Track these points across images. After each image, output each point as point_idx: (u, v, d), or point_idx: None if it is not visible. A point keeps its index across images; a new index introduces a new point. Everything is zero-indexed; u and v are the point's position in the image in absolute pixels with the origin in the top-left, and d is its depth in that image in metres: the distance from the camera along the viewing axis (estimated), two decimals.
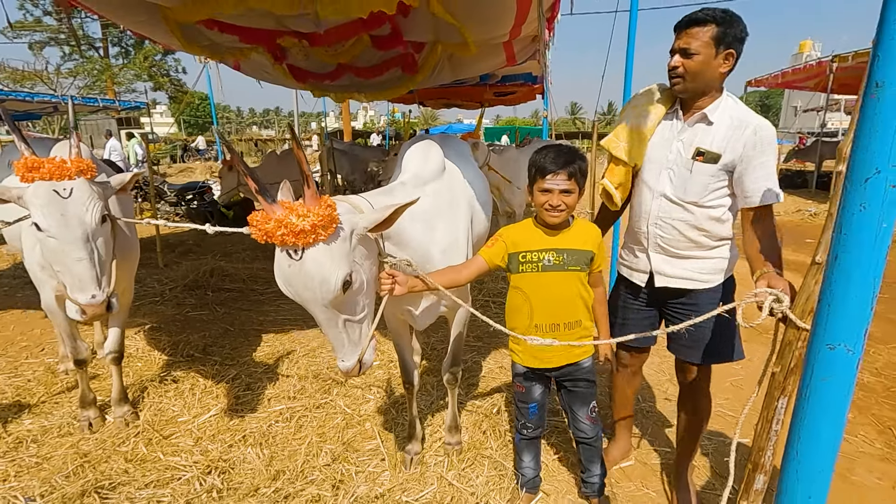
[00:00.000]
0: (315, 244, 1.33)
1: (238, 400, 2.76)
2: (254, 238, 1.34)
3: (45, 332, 3.83)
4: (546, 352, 1.84)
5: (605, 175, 1.89)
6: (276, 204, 1.32)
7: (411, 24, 3.95)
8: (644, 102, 1.82)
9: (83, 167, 1.91)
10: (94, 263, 1.85)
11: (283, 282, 1.40)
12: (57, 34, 26.01)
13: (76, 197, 1.84)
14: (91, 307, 1.85)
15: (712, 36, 1.55)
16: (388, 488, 2.05)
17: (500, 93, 10.02)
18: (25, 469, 2.22)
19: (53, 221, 1.79)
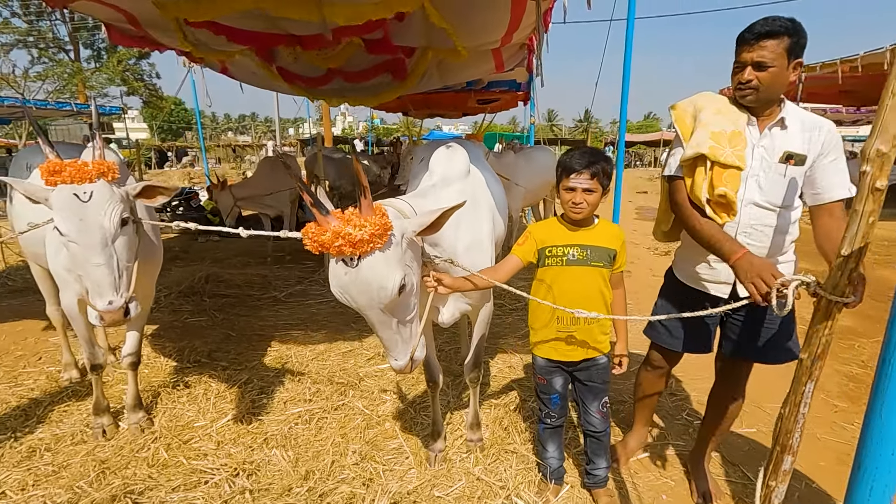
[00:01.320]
0: (371, 252, 1.37)
1: (254, 404, 2.75)
2: (308, 249, 1.37)
3: (40, 342, 3.73)
4: (565, 345, 1.92)
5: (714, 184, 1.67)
6: (330, 216, 1.36)
7: (404, 28, 4.02)
8: (722, 108, 1.74)
9: (104, 169, 1.89)
10: (112, 268, 1.83)
11: (339, 289, 1.44)
12: (26, 37, 25.17)
13: (96, 200, 1.82)
14: (109, 313, 1.82)
15: (785, 47, 1.56)
16: (417, 485, 2.09)
17: (484, 100, 10.17)
18: (43, 478, 2.18)
19: (73, 226, 1.78)
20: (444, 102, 10.38)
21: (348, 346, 3.57)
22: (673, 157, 1.84)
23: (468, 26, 3.89)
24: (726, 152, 1.65)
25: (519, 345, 3.61)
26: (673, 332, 2.05)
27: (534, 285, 1.95)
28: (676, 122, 1.83)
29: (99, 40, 27.50)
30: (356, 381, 3.01)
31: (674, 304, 2.03)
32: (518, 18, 3.71)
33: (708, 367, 2.27)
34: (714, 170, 1.67)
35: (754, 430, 2.55)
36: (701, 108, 1.76)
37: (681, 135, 1.80)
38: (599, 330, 1.90)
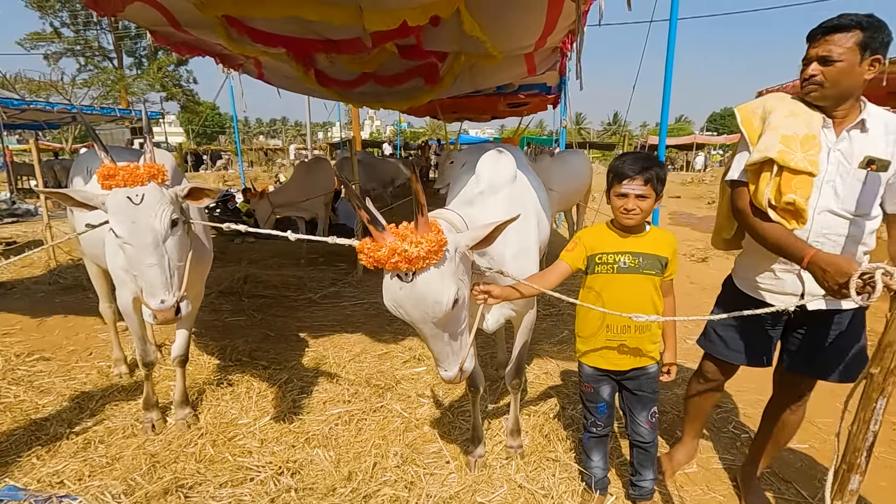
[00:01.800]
0: (427, 268, 1.38)
1: (295, 403, 2.80)
2: (363, 264, 1.39)
3: (90, 337, 3.89)
4: (614, 354, 1.89)
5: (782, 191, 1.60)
6: (386, 232, 1.37)
7: (437, 34, 4.05)
8: (796, 110, 1.65)
9: (154, 172, 1.93)
10: (164, 268, 1.88)
11: (394, 303, 1.45)
12: (73, 45, 26.43)
13: (147, 203, 1.86)
14: (161, 312, 1.87)
15: (857, 42, 1.50)
16: (458, 490, 2.08)
17: (514, 104, 10.14)
18: (98, 469, 2.27)
19: (126, 228, 1.83)
20: (473, 106, 10.38)
21: (384, 348, 3.60)
22: (737, 161, 1.77)
23: (503, 31, 3.89)
24: (797, 157, 1.57)
25: (554, 351, 3.57)
26: (730, 343, 1.97)
27: (581, 293, 1.92)
28: (743, 125, 1.75)
29: (140, 48, 28.66)
30: (393, 383, 3.03)
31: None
32: (553, 22, 3.68)
33: (754, 378, 2.21)
34: (783, 175, 1.59)
35: (806, 446, 2.45)
36: (771, 109, 1.68)
37: (747, 138, 1.72)
38: (650, 339, 1.86)
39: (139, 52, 29.07)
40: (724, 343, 1.99)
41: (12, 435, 2.53)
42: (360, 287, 5.16)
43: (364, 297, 4.79)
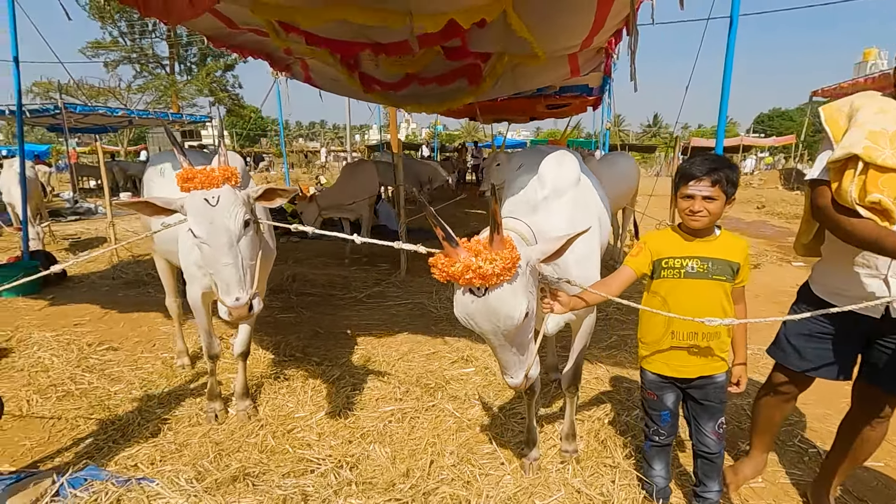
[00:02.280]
0: (500, 284, 1.39)
1: (348, 399, 2.86)
2: (435, 277, 1.42)
3: (153, 329, 4.10)
4: (680, 361, 1.84)
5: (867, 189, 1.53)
6: (460, 248, 1.39)
7: (483, 35, 4.06)
8: (886, 107, 1.60)
9: (228, 174, 2.01)
10: (238, 267, 1.94)
11: (465, 316, 1.47)
12: (130, 53, 27.93)
13: (222, 204, 1.93)
14: (236, 309, 1.94)
15: None
16: (515, 492, 2.08)
17: (553, 105, 10.04)
18: (168, 454, 2.39)
19: (204, 229, 1.91)
20: (512, 107, 10.34)
21: (432, 348, 3.63)
22: (819, 160, 1.69)
23: (550, 31, 3.86)
24: (885, 154, 1.49)
25: (603, 356, 3.51)
26: (804, 353, 1.87)
27: (645, 297, 1.89)
28: (827, 123, 1.68)
29: (190, 55, 30.02)
30: (443, 383, 3.05)
31: (809, 324, 1.85)
32: (602, 21, 3.63)
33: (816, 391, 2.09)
34: (868, 173, 1.51)
35: (882, 465, 2.32)
36: (858, 107, 1.62)
37: (831, 136, 1.65)
38: (718, 347, 1.81)
39: (189, 59, 30.43)
40: (798, 353, 1.89)
41: (89, 419, 2.70)
42: (403, 287, 5.23)
43: (408, 298, 4.85)
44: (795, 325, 1.90)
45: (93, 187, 17.62)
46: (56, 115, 13.07)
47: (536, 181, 2.09)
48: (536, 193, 2.03)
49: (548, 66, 4.65)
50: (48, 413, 2.75)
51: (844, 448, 1.92)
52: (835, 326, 1.80)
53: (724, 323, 1.58)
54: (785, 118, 47.13)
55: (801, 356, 1.89)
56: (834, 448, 1.99)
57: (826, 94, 14.32)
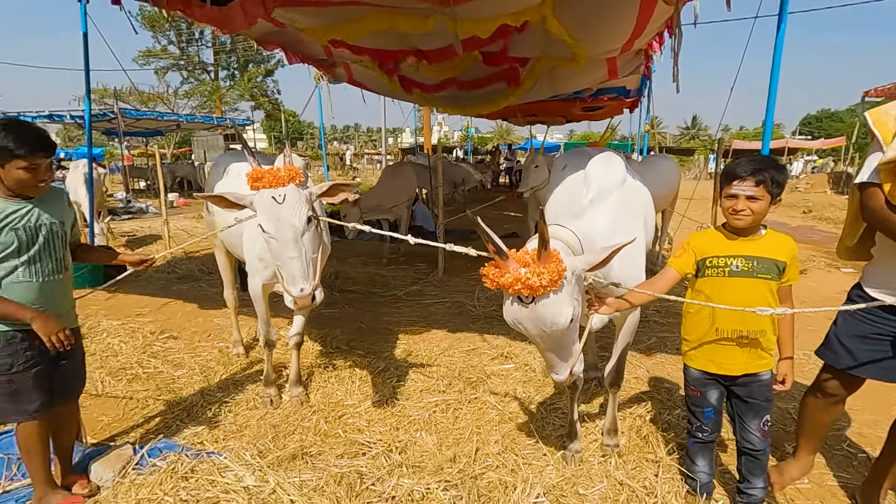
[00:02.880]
0: (546, 295, 1.50)
1: (394, 390, 2.99)
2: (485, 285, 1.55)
3: (207, 321, 4.35)
4: (724, 358, 1.87)
5: None
6: (510, 260, 1.51)
7: (523, 39, 4.14)
8: None
9: (293, 174, 2.17)
10: (303, 260, 2.09)
11: (513, 320, 1.59)
12: (178, 61, 29.30)
13: (288, 202, 2.07)
14: (301, 299, 2.10)
15: None
16: (558, 481, 2.15)
17: (589, 108, 9.99)
18: (230, 434, 2.58)
19: (272, 225, 2.07)
20: (548, 109, 10.35)
21: (471, 344, 3.73)
22: (868, 163, 1.72)
23: (591, 36, 3.91)
24: None
25: (642, 356, 3.53)
26: (857, 354, 1.86)
27: (689, 295, 1.94)
28: (876, 126, 1.70)
29: (233, 62, 31.19)
30: (484, 377, 3.15)
31: (862, 325, 1.86)
32: (643, 25, 3.66)
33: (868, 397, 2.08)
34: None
35: None
36: None
37: (881, 138, 1.67)
38: (764, 345, 1.84)
39: (232, 66, 31.63)
40: (851, 354, 1.88)
41: (157, 399, 2.93)
42: (441, 286, 5.35)
43: (446, 297, 4.96)
44: (848, 327, 1.90)
45: (142, 188, 18.54)
46: (112, 120, 13.85)
47: (582, 183, 2.16)
48: (582, 197, 2.10)
49: (586, 68, 4.69)
50: (120, 393, 2.99)
51: (894, 451, 1.91)
52: (891, 327, 1.79)
53: (775, 313, 1.62)
54: (834, 119, 45.00)
55: (854, 357, 1.87)
56: (885, 451, 1.97)
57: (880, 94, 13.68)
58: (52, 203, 1.90)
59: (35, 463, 1.94)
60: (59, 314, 1.87)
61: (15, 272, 1.77)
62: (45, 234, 1.83)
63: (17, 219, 1.76)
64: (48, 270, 1.84)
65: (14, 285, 1.77)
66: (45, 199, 1.88)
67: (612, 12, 3.47)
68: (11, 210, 1.76)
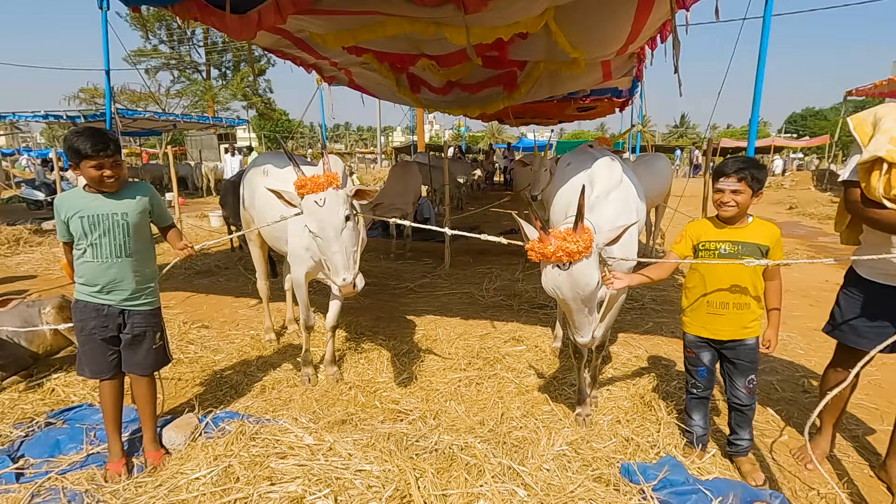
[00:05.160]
0: (580, 260, 1.90)
1: (420, 368, 3.31)
2: (529, 258, 1.95)
3: (233, 311, 4.62)
4: (715, 325, 2.22)
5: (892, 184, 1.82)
6: (550, 235, 1.91)
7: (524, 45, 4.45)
8: None
9: (331, 179, 2.37)
10: (343, 254, 2.33)
11: (553, 286, 1.97)
12: (169, 60, 29.23)
13: (328, 205, 2.32)
14: (344, 287, 2.36)
15: None
16: (574, 439, 2.47)
17: (583, 108, 10.37)
18: (278, 406, 2.87)
19: (317, 225, 2.33)
20: (542, 110, 10.72)
21: (484, 330, 4.05)
22: (850, 163, 2.02)
23: (590, 41, 4.24)
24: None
25: (641, 339, 3.88)
26: (860, 330, 2.11)
27: (688, 274, 2.29)
28: (856, 131, 2.00)
29: (226, 62, 31.17)
30: (500, 357, 3.47)
31: (860, 302, 2.12)
32: (638, 31, 4.01)
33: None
34: (892, 172, 1.81)
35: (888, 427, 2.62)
36: (882, 116, 1.93)
37: (860, 142, 1.97)
38: (749, 315, 2.18)
39: (224, 65, 31.60)
40: (855, 331, 2.15)
41: (204, 379, 3.21)
42: (449, 279, 5.66)
43: (456, 288, 5.28)
44: (849, 307, 2.18)
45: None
46: None
47: (588, 182, 2.50)
48: (589, 194, 2.44)
49: (583, 72, 5.01)
50: (169, 376, 3.27)
51: None
52: (884, 304, 2.06)
53: (759, 263, 1.99)
54: (819, 118, 46.02)
55: (858, 334, 2.15)
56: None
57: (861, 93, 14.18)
58: (124, 196, 2.21)
59: (105, 422, 2.30)
60: (121, 291, 2.20)
61: (84, 253, 2.16)
62: (107, 223, 2.15)
63: (84, 209, 2.12)
64: (107, 253, 2.16)
65: (83, 264, 2.18)
66: (122, 193, 2.20)
67: (610, 19, 3.79)
68: (85, 202, 2.13)
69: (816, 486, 2.18)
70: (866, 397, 2.98)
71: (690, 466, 2.24)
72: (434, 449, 2.23)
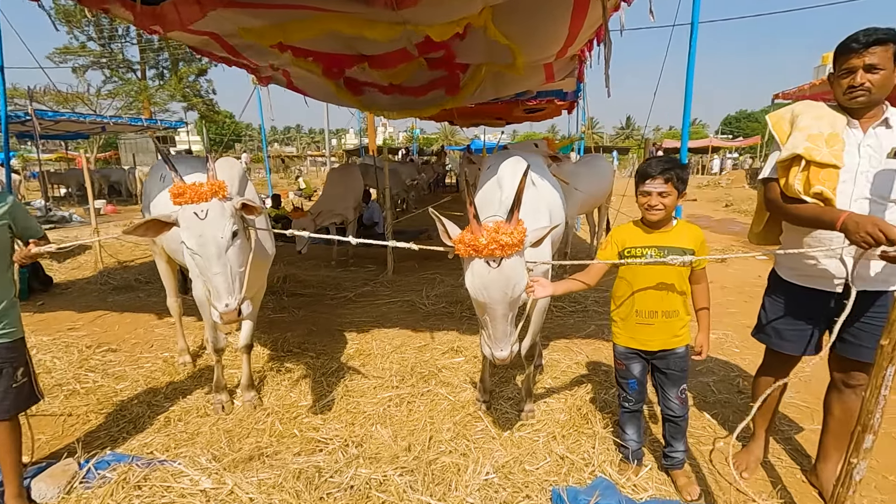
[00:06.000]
0: (511, 255, 1.72)
1: (347, 388, 3.06)
2: (457, 253, 1.75)
3: (148, 331, 4.20)
4: (644, 336, 2.11)
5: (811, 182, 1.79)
6: (482, 227, 1.73)
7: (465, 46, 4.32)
8: (822, 113, 1.88)
9: (216, 188, 2.06)
10: (227, 275, 2.02)
11: (482, 286, 1.77)
12: (99, 58, 27.35)
13: (211, 218, 1.99)
14: (226, 314, 2.01)
15: (892, 53, 1.72)
16: (508, 460, 2.31)
17: (530, 109, 10.42)
18: (181, 442, 2.54)
19: (195, 242, 1.99)
20: (491, 112, 10.70)
21: (422, 341, 3.84)
22: (769, 160, 1.97)
23: (528, 42, 4.15)
24: (822, 152, 1.77)
25: (582, 343, 3.79)
26: (783, 333, 2.09)
27: (616, 283, 2.16)
28: (774, 129, 1.96)
29: (163, 60, 29.54)
30: (436, 371, 3.27)
31: (782, 304, 2.09)
32: (576, 33, 3.95)
33: None
34: (810, 169, 1.79)
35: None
36: (798, 114, 1.91)
37: (778, 140, 1.93)
38: (677, 323, 2.08)
39: (161, 64, 29.94)
40: (777, 333, 2.12)
41: (100, 414, 2.83)
42: (391, 286, 5.42)
43: (397, 296, 5.05)
44: (772, 310, 2.15)
45: (63, 195, 17.23)
46: (26, 122, 12.78)
47: (496, 185, 2.35)
48: (496, 195, 2.29)
49: (525, 73, 4.93)
50: (58, 411, 2.87)
51: (834, 422, 2.10)
52: (805, 306, 2.03)
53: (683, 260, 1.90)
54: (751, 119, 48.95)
55: (780, 336, 2.11)
56: (825, 424, 2.16)
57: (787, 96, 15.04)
58: None
59: None
60: None
61: None
62: None
63: None
64: None
65: None
66: None
67: (548, 21, 3.70)
68: None
69: (753, 496, 2.11)
70: (797, 395, 2.99)
71: (625, 485, 2.11)
72: (349, 486, 2.00)
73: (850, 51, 1.78)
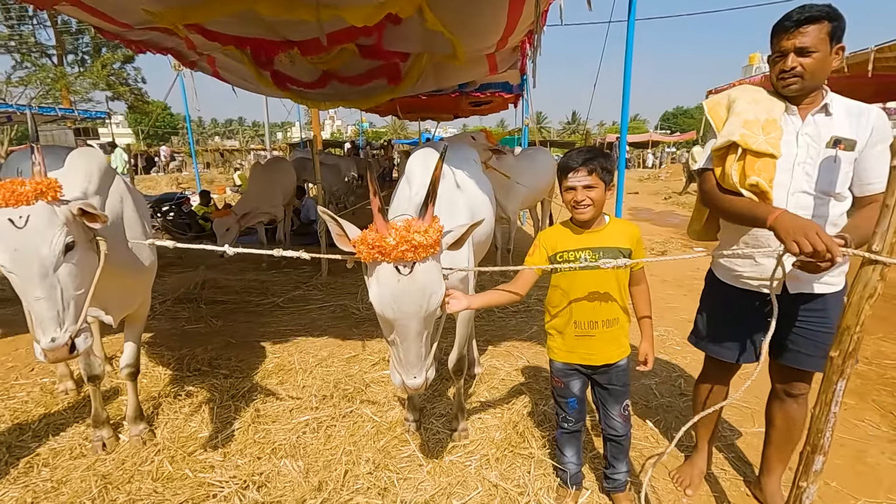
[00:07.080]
0: (426, 259, 1.38)
1: (259, 413, 2.68)
2: (359, 258, 1.38)
3: (31, 352, 3.59)
4: (584, 349, 1.88)
5: (746, 173, 1.62)
6: (389, 225, 1.38)
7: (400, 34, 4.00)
8: (758, 98, 1.70)
9: (43, 188, 1.58)
10: (55, 301, 1.58)
11: (391, 297, 1.40)
12: (7, 41, 24.71)
13: (32, 226, 1.54)
14: (52, 351, 1.58)
15: (827, 32, 1.53)
16: (433, 493, 2.03)
17: (476, 103, 10.24)
18: (42, 494, 2.09)
19: (8, 256, 1.53)
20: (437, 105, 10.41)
21: (352, 351, 3.51)
22: (706, 149, 1.79)
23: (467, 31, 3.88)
24: (759, 140, 1.60)
25: (524, 347, 3.58)
26: (719, 339, 1.94)
27: (549, 292, 1.92)
28: (710, 114, 1.77)
29: (83, 45, 27.12)
30: (363, 387, 2.95)
31: (718, 307, 1.95)
32: (514, 23, 3.72)
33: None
34: (746, 158, 1.61)
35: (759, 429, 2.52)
36: (735, 98, 1.73)
37: (714, 126, 1.75)
38: (619, 333, 1.87)
39: (81, 49, 27.47)
40: (714, 339, 1.96)
41: None
42: (325, 290, 5.03)
43: (330, 300, 4.67)
44: (709, 314, 1.99)
45: None
46: None
47: (405, 181, 2.06)
48: (406, 192, 2.00)
49: (468, 64, 4.69)
50: None
51: (777, 434, 1.97)
52: (742, 309, 1.86)
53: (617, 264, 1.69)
54: (687, 115, 51.40)
55: (718, 342, 1.95)
56: (767, 435, 2.03)
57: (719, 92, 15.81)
58: None
59: None
60: None
61: None
62: None
63: None
64: None
65: None
66: None
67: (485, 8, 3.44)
68: None
69: None
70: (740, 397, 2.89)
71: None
72: None
73: (783, 30, 1.60)
